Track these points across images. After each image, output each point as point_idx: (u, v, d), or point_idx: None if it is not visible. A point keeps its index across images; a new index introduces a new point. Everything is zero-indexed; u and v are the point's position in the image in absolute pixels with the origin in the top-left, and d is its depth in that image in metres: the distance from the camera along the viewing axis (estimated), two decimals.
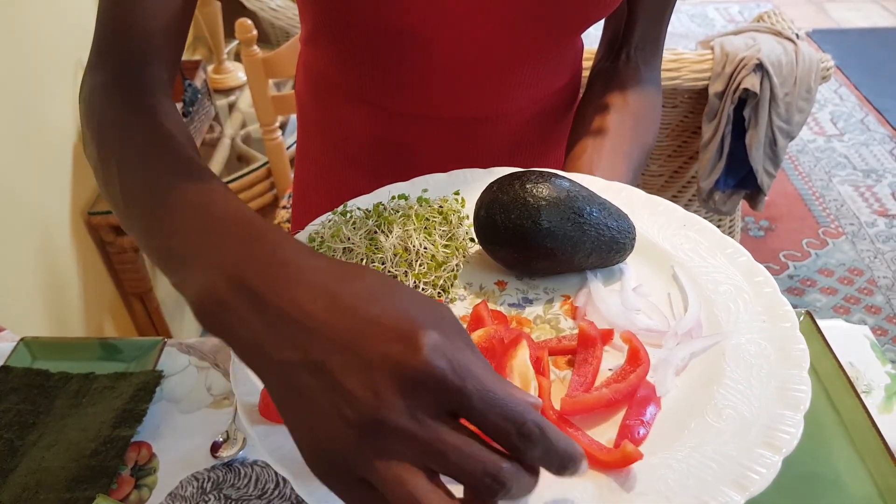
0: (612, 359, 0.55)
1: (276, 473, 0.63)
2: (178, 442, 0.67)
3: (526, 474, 0.38)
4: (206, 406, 0.70)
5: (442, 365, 0.37)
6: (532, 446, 0.38)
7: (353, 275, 0.41)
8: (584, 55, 0.93)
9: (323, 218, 0.67)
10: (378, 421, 0.36)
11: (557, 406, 0.49)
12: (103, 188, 0.58)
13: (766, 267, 0.60)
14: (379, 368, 0.37)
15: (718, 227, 2.00)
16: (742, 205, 1.97)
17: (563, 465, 0.39)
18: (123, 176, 0.54)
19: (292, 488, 0.61)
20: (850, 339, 0.76)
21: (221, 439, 0.66)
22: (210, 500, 0.61)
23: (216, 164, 2.03)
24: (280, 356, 0.39)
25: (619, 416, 0.50)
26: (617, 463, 0.45)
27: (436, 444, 0.37)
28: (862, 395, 0.67)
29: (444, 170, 0.74)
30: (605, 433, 0.49)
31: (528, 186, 0.59)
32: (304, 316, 0.39)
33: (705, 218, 0.64)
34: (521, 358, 0.50)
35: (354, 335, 0.38)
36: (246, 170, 1.93)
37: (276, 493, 0.61)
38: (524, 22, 0.74)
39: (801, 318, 0.72)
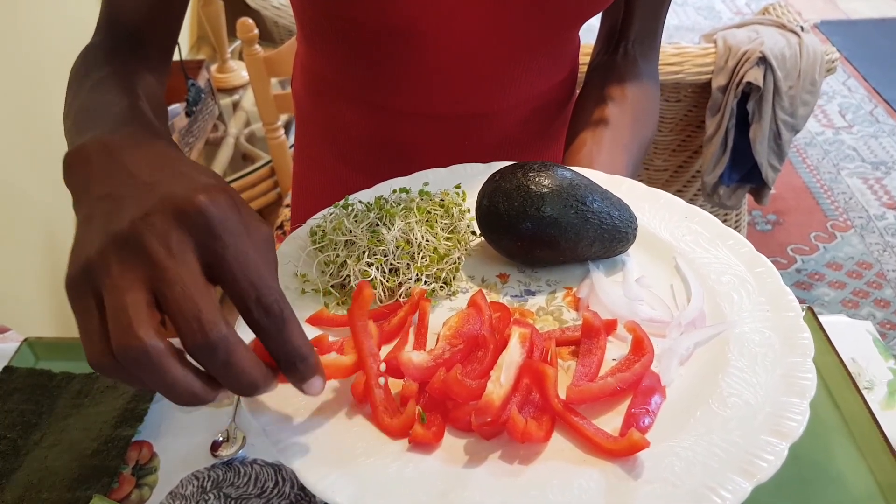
0: (615, 349, 0.55)
1: (275, 472, 0.63)
2: (178, 441, 0.67)
3: (244, 355, 0.39)
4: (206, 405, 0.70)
5: (213, 211, 0.39)
6: (267, 319, 0.39)
7: (201, 165, 0.46)
8: (581, 51, 0.93)
9: (325, 211, 0.67)
10: (131, 233, 0.38)
11: (563, 395, 0.49)
12: (64, 119, 0.66)
13: (774, 261, 0.60)
14: (159, 199, 0.40)
15: (725, 221, 1.99)
16: (749, 199, 1.96)
17: (292, 360, 0.41)
18: (73, 100, 0.64)
19: (291, 487, 0.61)
20: (852, 335, 0.75)
21: (221, 438, 0.66)
22: (210, 498, 0.61)
23: (220, 162, 2.03)
24: (98, 191, 0.43)
25: (623, 406, 0.50)
26: (623, 451, 0.45)
27: (168, 272, 0.38)
28: (864, 392, 0.66)
29: (443, 166, 0.73)
30: (610, 422, 0.49)
31: (530, 175, 0.59)
32: (134, 168, 0.43)
33: (710, 212, 0.64)
34: (513, 355, 0.49)
35: (160, 180, 0.42)
36: (249, 168, 1.94)
37: (276, 491, 0.61)
38: (521, 17, 0.74)
39: (803, 314, 0.72)
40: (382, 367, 0.51)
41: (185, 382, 0.38)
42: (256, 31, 1.56)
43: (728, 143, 1.73)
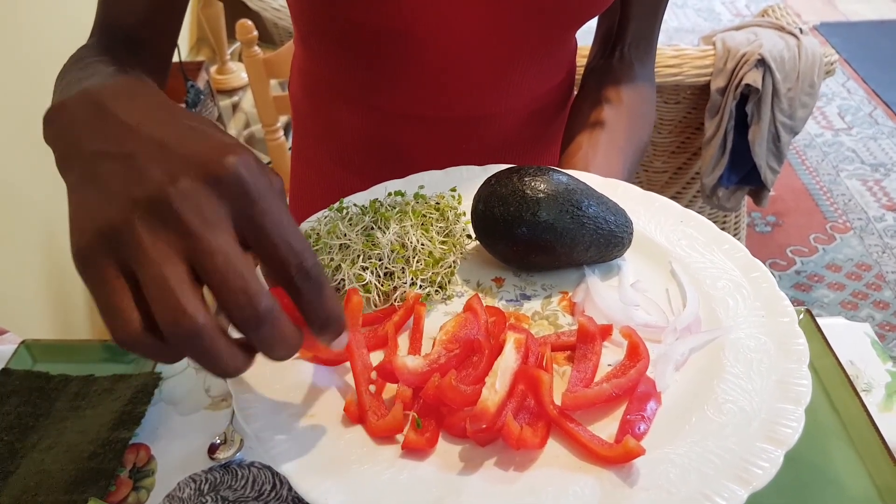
0: (611, 354, 0.54)
1: (272, 475, 0.62)
2: (175, 444, 0.67)
3: (285, 323, 0.38)
4: (203, 408, 0.70)
5: (246, 174, 0.37)
6: (307, 283, 0.38)
7: (199, 116, 0.42)
8: (579, 52, 0.93)
9: (319, 214, 0.67)
10: (162, 200, 0.36)
11: (558, 401, 0.49)
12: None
13: (773, 262, 0.60)
14: (185, 161, 0.37)
15: (724, 223, 1.99)
16: (748, 200, 1.96)
17: (327, 321, 0.40)
18: (57, 84, 0.61)
19: (289, 490, 0.61)
20: (850, 337, 0.74)
21: (219, 441, 0.65)
22: (207, 501, 0.61)
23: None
24: (92, 147, 0.39)
25: (619, 412, 0.50)
26: (619, 458, 0.45)
27: (208, 242, 0.36)
28: (862, 394, 0.66)
29: (440, 168, 0.73)
30: (605, 428, 0.49)
31: (526, 180, 0.59)
32: (132, 121, 0.40)
33: (710, 214, 0.65)
34: (508, 360, 0.49)
35: (173, 138, 0.38)
36: None
37: (273, 494, 0.61)
38: (518, 20, 0.74)
39: (801, 317, 0.72)
40: (374, 374, 0.51)
41: (231, 356, 0.37)
42: (256, 32, 1.56)
43: (727, 145, 1.73)
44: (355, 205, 0.67)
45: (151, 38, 0.73)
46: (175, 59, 0.80)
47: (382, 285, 0.59)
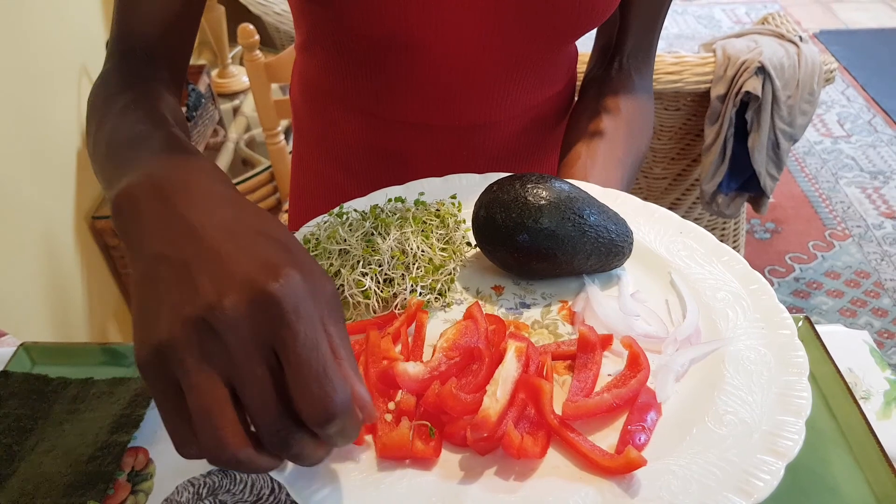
0: (611, 364, 0.54)
1: (271, 480, 0.63)
2: (174, 447, 0.67)
3: (316, 445, 0.40)
4: None
5: (287, 300, 0.37)
6: (326, 426, 0.38)
7: (258, 213, 0.44)
8: (579, 59, 0.93)
9: (318, 219, 0.67)
10: (206, 321, 0.37)
11: (559, 411, 0.49)
12: (88, 148, 0.63)
13: (772, 269, 0.60)
14: (233, 281, 0.38)
15: (723, 230, 2.00)
16: (747, 207, 1.97)
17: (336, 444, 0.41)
18: (99, 129, 0.61)
19: (287, 495, 0.61)
20: (849, 345, 0.74)
21: None
22: None
23: (220, 167, 2.03)
24: (155, 248, 0.41)
25: (619, 422, 0.49)
26: (620, 469, 0.45)
27: (247, 370, 0.37)
28: (860, 402, 0.66)
29: (440, 176, 0.73)
30: (605, 439, 0.49)
31: (528, 187, 0.59)
32: (195, 221, 0.41)
33: (709, 221, 0.65)
34: (509, 369, 0.49)
35: (229, 250, 0.39)
36: (249, 174, 1.94)
37: (272, 498, 0.61)
38: (517, 29, 0.74)
39: (800, 324, 0.72)
40: (392, 405, 0.50)
41: (265, 466, 0.39)
42: (257, 36, 1.56)
43: (727, 152, 1.73)
44: (355, 210, 0.67)
45: (169, 49, 0.72)
46: None
47: (382, 291, 0.59)
